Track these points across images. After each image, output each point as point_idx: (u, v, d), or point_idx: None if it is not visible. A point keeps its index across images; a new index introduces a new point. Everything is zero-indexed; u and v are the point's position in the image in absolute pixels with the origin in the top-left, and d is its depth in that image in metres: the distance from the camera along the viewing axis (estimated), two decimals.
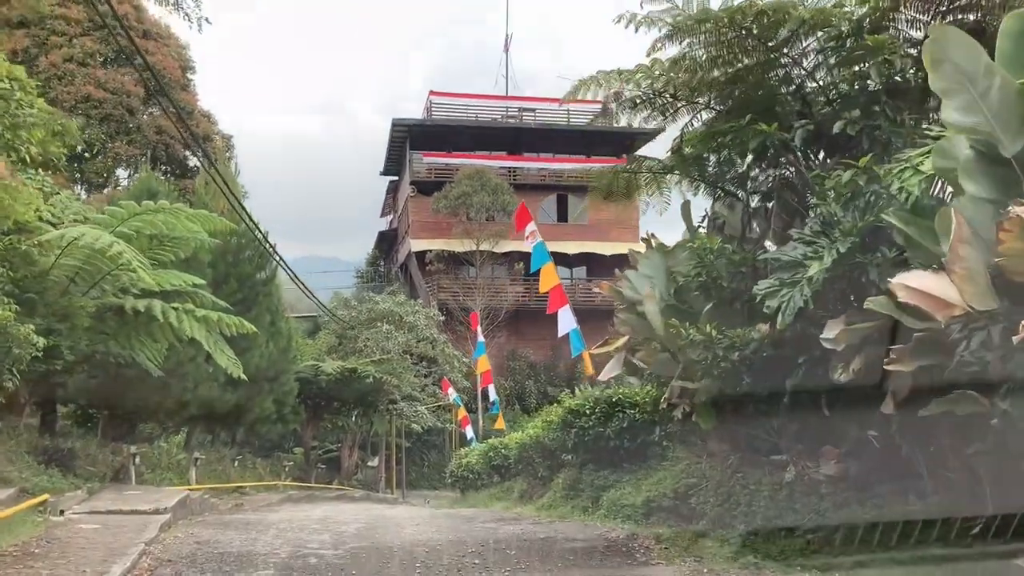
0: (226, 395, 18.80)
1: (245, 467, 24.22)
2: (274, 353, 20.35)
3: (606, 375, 9.84)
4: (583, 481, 11.21)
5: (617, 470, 10.91)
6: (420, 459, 36.52)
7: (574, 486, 11.70)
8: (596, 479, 10.93)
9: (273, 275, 20.72)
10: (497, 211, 36.89)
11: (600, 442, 10.93)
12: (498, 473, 16.14)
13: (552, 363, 42.23)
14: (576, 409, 11.33)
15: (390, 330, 29.24)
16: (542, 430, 13.45)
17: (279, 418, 24.14)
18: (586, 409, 11.19)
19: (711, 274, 7.19)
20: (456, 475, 21.24)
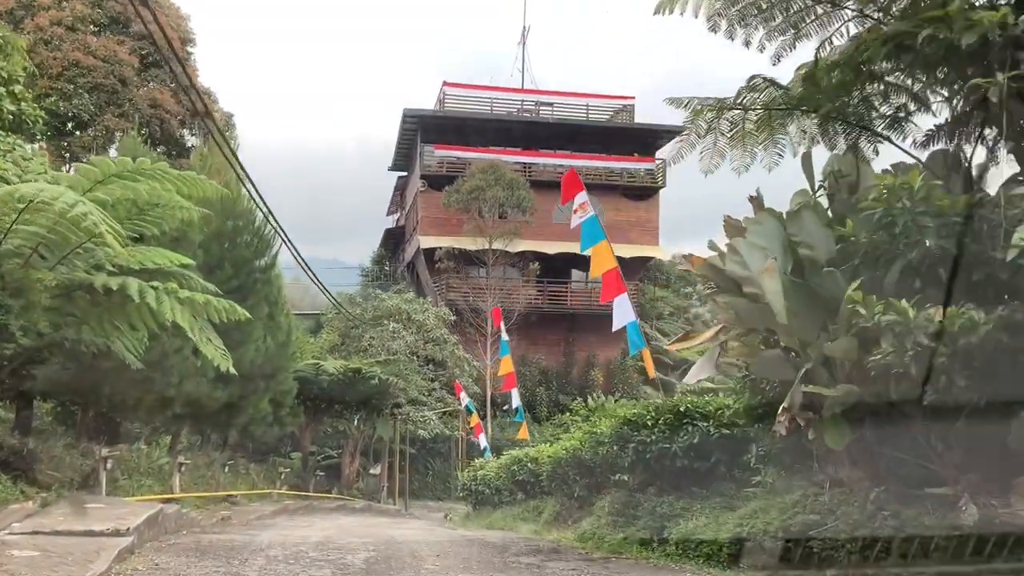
0: (216, 392, 16.81)
1: (237, 473, 22.23)
2: (271, 348, 18.37)
3: (694, 377, 7.83)
4: (640, 506, 9.20)
5: (684, 495, 8.92)
6: (424, 467, 34.51)
7: (624, 511, 9.70)
8: (658, 505, 8.93)
9: (273, 263, 18.76)
10: (512, 207, 34.93)
11: (664, 460, 8.93)
12: (523, 490, 14.15)
13: (564, 370, 40.27)
14: (634, 420, 9.33)
15: (397, 329, 27.26)
16: (581, 444, 11.46)
17: (275, 420, 22.19)
18: (647, 420, 9.19)
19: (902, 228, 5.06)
20: (468, 488, 19.25)
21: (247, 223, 18.11)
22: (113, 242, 9.38)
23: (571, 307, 40.15)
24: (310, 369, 24.39)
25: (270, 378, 18.79)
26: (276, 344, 18.62)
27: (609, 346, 40.91)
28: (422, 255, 38.93)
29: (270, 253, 18.56)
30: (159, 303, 10.79)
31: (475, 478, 18.35)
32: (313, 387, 25.23)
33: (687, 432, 8.91)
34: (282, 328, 19.21)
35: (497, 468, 15.68)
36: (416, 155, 41.08)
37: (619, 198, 40.74)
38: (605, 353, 40.71)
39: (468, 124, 39.67)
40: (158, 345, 14.28)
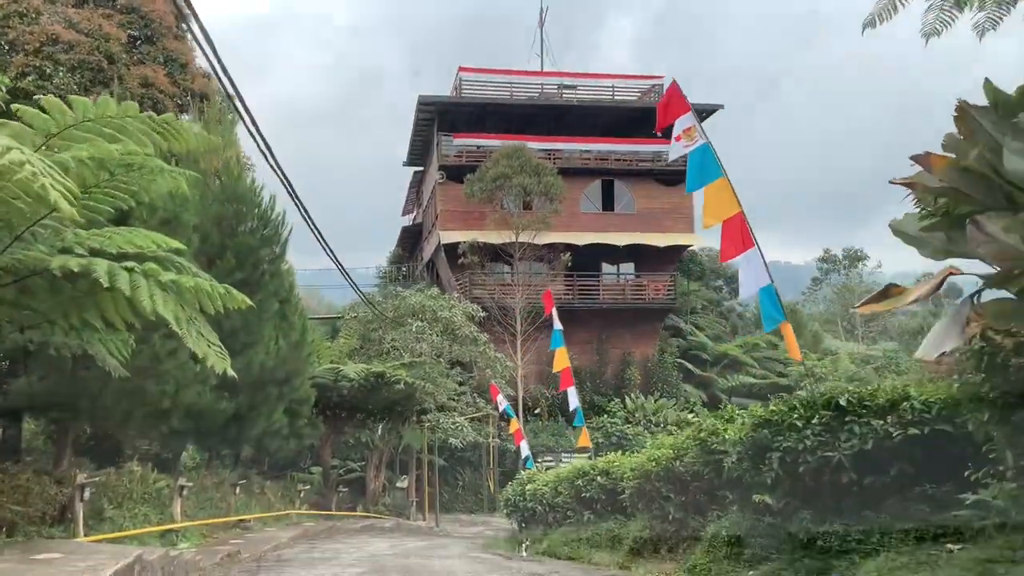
0: (221, 403, 14.46)
1: (251, 493, 19.87)
2: (284, 350, 16.00)
3: (935, 349, 5.24)
4: (792, 538, 6.70)
5: (852, 521, 6.42)
6: (453, 478, 32.08)
7: (754, 541, 7.21)
8: (822, 538, 6.43)
9: (282, 253, 16.37)
10: (539, 195, 32.46)
11: (822, 475, 6.44)
12: (589, 509, 11.66)
13: (598, 369, 37.73)
14: (775, 421, 6.83)
15: (422, 327, 24.83)
16: (677, 452, 8.98)
17: (292, 432, 19.84)
18: (794, 419, 6.69)
19: None
20: (514, 504, 16.78)
21: (251, 207, 15.75)
22: (61, 202, 6.97)
23: (603, 301, 37.60)
24: (328, 374, 22.01)
25: (283, 384, 16.42)
26: (289, 345, 16.24)
27: (644, 343, 38.41)
28: (442, 251, 36.53)
29: (279, 241, 16.18)
30: (134, 288, 8.40)
31: (522, 493, 15.88)
32: (332, 394, 22.86)
33: (852, 434, 6.42)
34: (295, 327, 16.84)
35: (553, 482, 13.22)
36: (433, 146, 38.70)
37: (650, 184, 38.18)
38: (641, 350, 38.17)
39: (487, 110, 37.27)
40: (148, 348, 11.97)
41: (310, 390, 20.19)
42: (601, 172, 38.16)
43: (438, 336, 25.09)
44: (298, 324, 16.98)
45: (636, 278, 38.92)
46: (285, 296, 17.61)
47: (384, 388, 23.20)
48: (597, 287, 38.10)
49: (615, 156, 38.17)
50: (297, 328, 16.81)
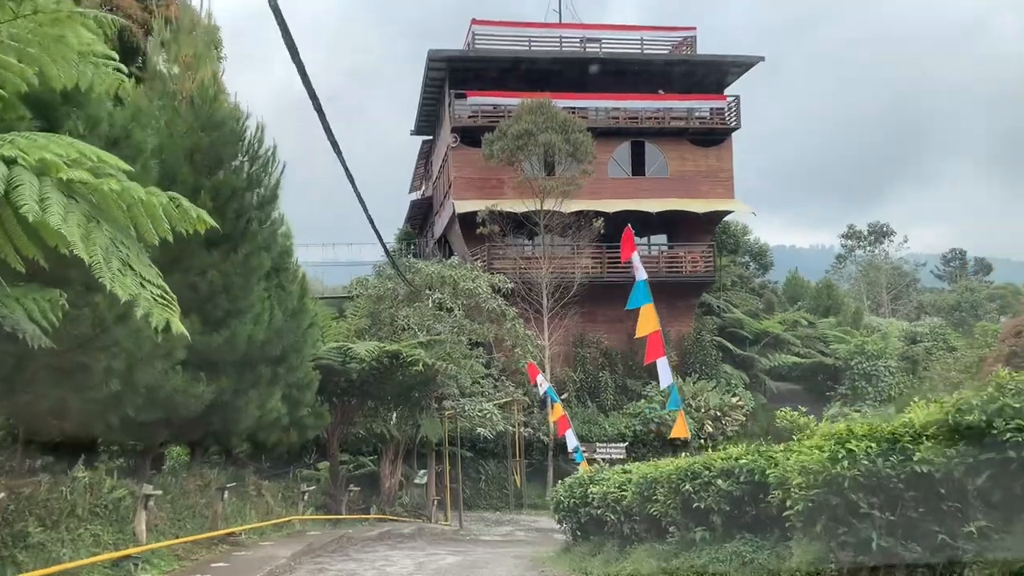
0: (196, 386, 11.15)
1: (244, 497, 16.61)
2: (278, 320, 12.65)
3: None
4: None
5: None
6: (475, 472, 28.78)
7: None
8: None
9: (274, 195, 12.95)
10: (567, 155, 29.00)
11: None
12: (703, 524, 8.28)
13: (630, 349, 34.29)
14: None
15: (442, 300, 21.47)
16: (887, 444, 5.64)
17: (293, 423, 16.63)
18: None
19: None
20: (568, 508, 13.47)
21: (233, 137, 12.37)
22: None
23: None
24: (335, 355, 18.72)
25: (279, 363, 13.08)
26: (285, 314, 12.88)
27: (680, 320, 35.03)
28: (457, 223, 33.10)
29: (270, 182, 12.78)
30: (13, 185, 5.12)
31: (583, 496, 12.53)
32: (339, 379, 19.58)
33: None
34: (292, 293, 13.47)
35: (639, 484, 9.88)
36: (444, 107, 35.26)
37: (684, 144, 34.71)
38: (677, 328, 34.76)
39: (504, 66, 33.75)
40: (89, 311, 8.70)
41: (313, 373, 16.91)
42: (630, 132, 34.67)
43: (460, 310, 21.75)
44: (295, 288, 13.60)
45: (671, 249, 35.48)
46: (280, 250, 14.27)
47: (399, 370, 19.92)
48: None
49: (646, 114, 34.69)
50: (295, 293, 13.44)
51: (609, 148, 33.95)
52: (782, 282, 53.49)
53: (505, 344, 24.47)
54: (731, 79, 35.73)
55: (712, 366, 34.36)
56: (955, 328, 47.54)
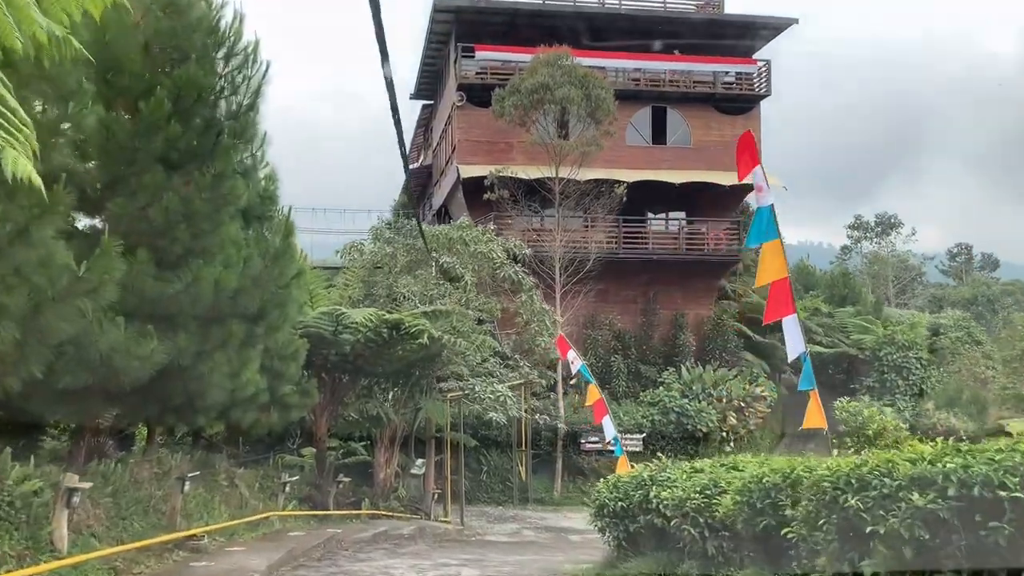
0: (141, 344, 8.31)
1: (213, 488, 13.84)
2: (257, 265, 9.79)
3: None
4: None
5: None
6: (476, 462, 26.01)
7: None
8: None
9: (254, 103, 10.03)
10: (584, 115, 26.15)
11: None
12: (868, 553, 5.59)
13: (644, 333, 31.66)
14: None
15: (450, 265, 18.66)
16: None
17: (273, 400, 13.90)
18: None
19: None
20: (616, 513, 10.73)
21: (204, 25, 9.47)
22: None
23: (654, 251, 31.41)
24: (326, 322, 15.91)
25: (256, 322, 10.23)
26: (265, 258, 10.01)
27: (699, 303, 32.37)
28: (460, 190, 30.25)
29: (248, 83, 9.87)
30: None
31: (642, 500, 9.79)
32: (330, 351, 16.78)
33: None
34: (276, 231, 10.59)
35: (747, 488, 7.13)
36: (449, 64, 32.35)
37: (709, 112, 31.96)
38: (695, 311, 32.12)
39: (515, 20, 30.87)
40: None
41: (299, 341, 14.12)
42: (651, 97, 31.84)
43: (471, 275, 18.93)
44: (278, 226, 10.68)
45: (691, 224, 32.73)
46: (259, 177, 11.36)
47: (400, 344, 17.13)
48: (646, 234, 31.97)
49: (668, 77, 31.87)
50: (278, 232, 10.54)
51: (628, 113, 31.12)
52: None
53: (518, 320, 21.68)
54: (760, 43, 32.98)
55: (733, 353, 31.74)
56: (976, 321, 45.17)
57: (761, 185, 9.89)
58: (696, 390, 28.66)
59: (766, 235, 9.89)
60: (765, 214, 10.01)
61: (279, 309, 10.32)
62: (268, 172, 12.54)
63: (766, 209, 10.02)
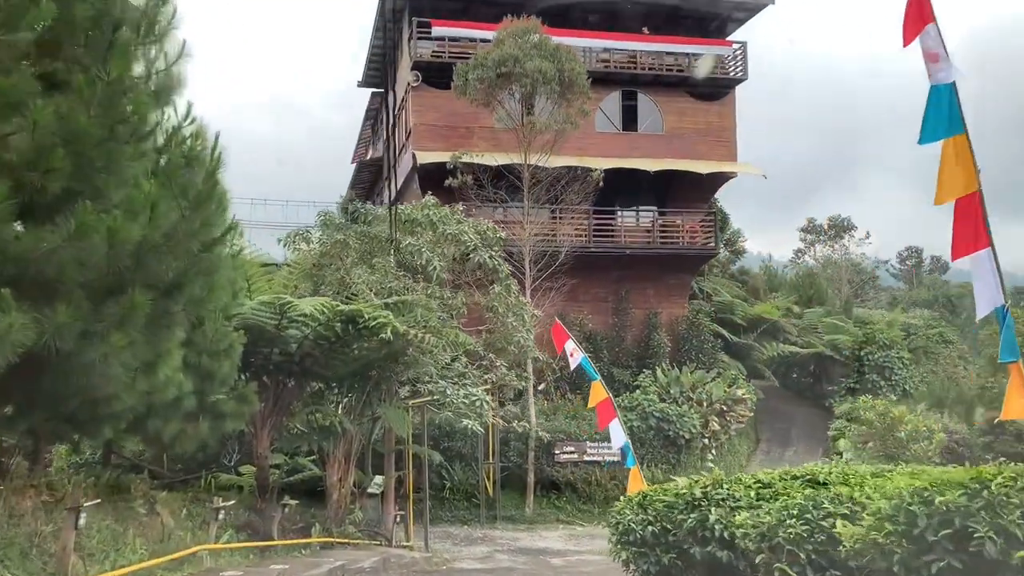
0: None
1: (126, 518, 11.03)
2: (172, 215, 7.09)
3: None
4: None
5: None
6: (439, 477, 23.34)
7: None
8: None
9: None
10: (556, 94, 23.81)
11: None
12: None
13: (616, 334, 29.46)
14: None
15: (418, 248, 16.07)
16: None
17: (203, 407, 11.27)
18: None
19: None
20: (644, 540, 8.32)
21: None
22: None
23: (626, 245, 29.21)
24: (267, 313, 13.21)
25: (171, 295, 7.49)
26: (184, 206, 7.30)
27: (673, 301, 30.32)
28: (415, 180, 27.69)
29: None
30: None
31: (696, 526, 7.39)
32: (273, 349, 14.11)
33: None
34: (196, 168, 7.86)
35: (900, 509, 4.84)
36: (403, 43, 29.81)
37: (682, 97, 29.99)
38: (669, 310, 30.05)
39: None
40: None
41: (233, 334, 11.42)
42: (622, 80, 29.73)
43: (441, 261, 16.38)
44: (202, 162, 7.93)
45: (665, 216, 30.64)
46: (185, 139, 8.68)
47: (356, 341, 14.53)
48: (617, 227, 29.78)
49: (639, 59, 29.82)
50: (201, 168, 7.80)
51: (597, 98, 28.89)
52: None
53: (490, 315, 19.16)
54: (733, 26, 31.21)
55: (710, 355, 29.73)
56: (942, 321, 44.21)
57: (937, 52, 6.64)
58: (674, 393, 26.53)
59: (948, 128, 6.63)
60: (945, 94, 6.70)
61: (204, 279, 7.62)
62: (196, 129, 9.86)
63: (945, 88, 6.71)
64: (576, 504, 23.78)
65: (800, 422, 33.12)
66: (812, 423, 32.48)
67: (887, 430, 15.82)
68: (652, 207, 30.96)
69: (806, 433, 32.04)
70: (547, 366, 26.20)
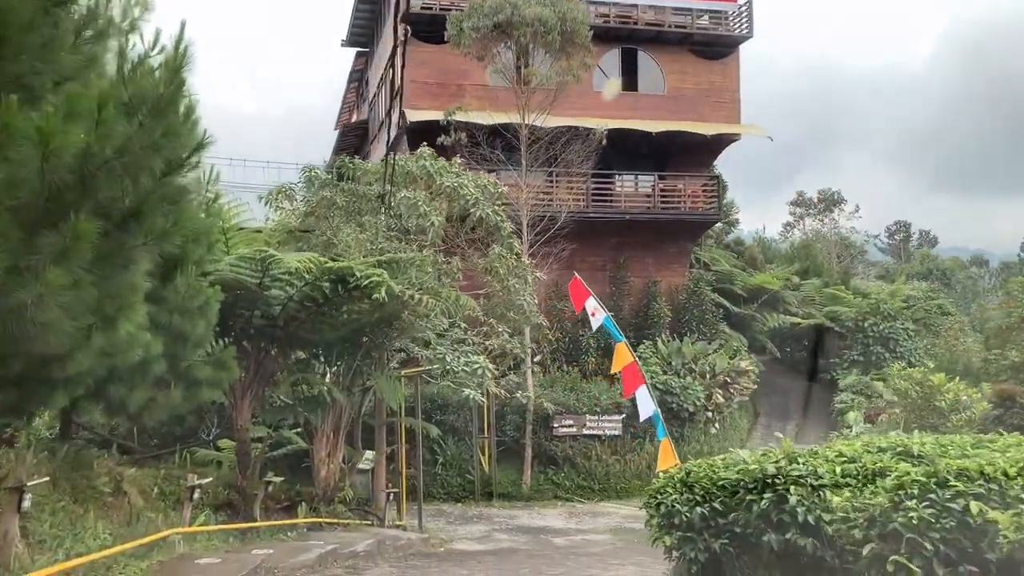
0: None
1: (88, 498, 9.70)
2: (125, 124, 5.70)
3: None
4: None
5: None
6: (430, 452, 22.05)
7: None
8: None
9: None
10: (555, 45, 22.31)
11: None
12: None
13: (614, 303, 28.12)
14: None
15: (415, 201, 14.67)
16: None
17: (175, 372, 9.96)
18: None
19: None
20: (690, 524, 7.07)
21: None
22: None
23: (626, 210, 27.89)
24: (248, 270, 11.82)
25: (129, 226, 6.07)
26: (139, 111, 5.87)
27: (673, 269, 29.09)
28: (405, 140, 26.14)
29: None
30: None
31: (769, 507, 6.16)
32: (254, 311, 12.73)
33: None
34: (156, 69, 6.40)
35: None
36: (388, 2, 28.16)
37: (685, 56, 28.56)
38: (669, 279, 28.82)
39: None
40: None
41: (209, 290, 10.05)
42: (621, 37, 28.24)
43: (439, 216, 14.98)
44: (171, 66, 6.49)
45: (666, 180, 29.29)
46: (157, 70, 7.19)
47: (347, 303, 13.18)
48: (617, 191, 28.42)
49: (638, 14, 28.34)
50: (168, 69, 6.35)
51: (596, 56, 27.43)
52: None
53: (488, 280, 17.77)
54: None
55: (711, 325, 28.56)
56: None
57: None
58: (676, 365, 25.39)
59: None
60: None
61: (168, 206, 6.22)
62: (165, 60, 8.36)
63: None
64: (575, 480, 22.59)
65: (798, 395, 32.15)
66: (811, 396, 31.54)
67: (924, 399, 14.69)
68: (652, 172, 29.60)
69: (806, 406, 31.11)
70: (543, 336, 24.95)
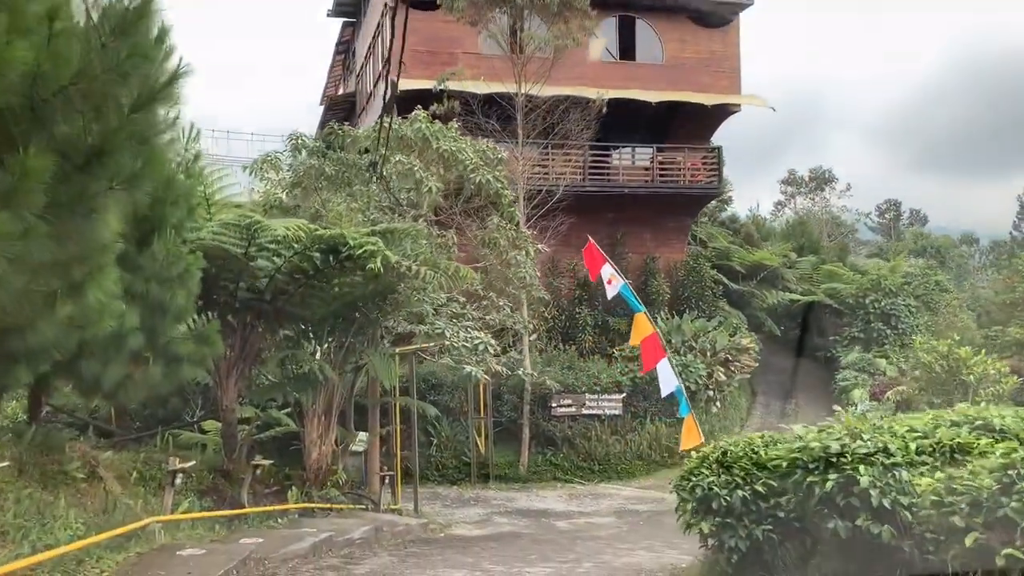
0: None
1: (58, 484, 8.87)
2: (84, 45, 4.83)
3: None
4: None
5: None
6: (425, 433, 21.26)
7: None
8: None
9: None
10: (553, 7, 21.37)
11: None
12: None
13: None
14: None
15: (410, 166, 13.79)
16: None
17: (153, 347, 9.09)
18: None
19: None
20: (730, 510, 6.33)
21: None
22: None
23: (624, 184, 27.07)
24: (233, 236, 10.93)
25: (92, 167, 5.21)
26: (101, 30, 5.00)
27: (672, 245, 28.35)
28: (396, 110, 25.10)
29: None
30: None
31: (834, 490, 5.42)
32: (241, 281, 11.86)
33: None
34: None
35: None
36: None
37: (684, 24, 27.64)
38: (668, 255, 28.08)
39: None
40: None
41: (190, 256, 9.22)
42: (618, 4, 27.28)
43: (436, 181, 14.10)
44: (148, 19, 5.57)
45: (664, 152, 28.42)
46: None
47: (339, 275, 12.31)
48: (615, 165, 27.59)
49: None
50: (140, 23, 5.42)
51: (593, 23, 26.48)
52: None
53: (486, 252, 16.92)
54: None
55: (711, 302, 27.86)
56: None
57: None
58: (676, 343, 24.66)
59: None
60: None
61: (140, 147, 5.33)
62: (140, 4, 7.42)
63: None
64: (574, 461, 21.89)
65: (797, 374, 31.58)
66: (809, 374, 30.94)
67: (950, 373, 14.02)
68: (651, 145, 28.75)
69: (804, 384, 30.48)
70: (539, 314, 24.18)
